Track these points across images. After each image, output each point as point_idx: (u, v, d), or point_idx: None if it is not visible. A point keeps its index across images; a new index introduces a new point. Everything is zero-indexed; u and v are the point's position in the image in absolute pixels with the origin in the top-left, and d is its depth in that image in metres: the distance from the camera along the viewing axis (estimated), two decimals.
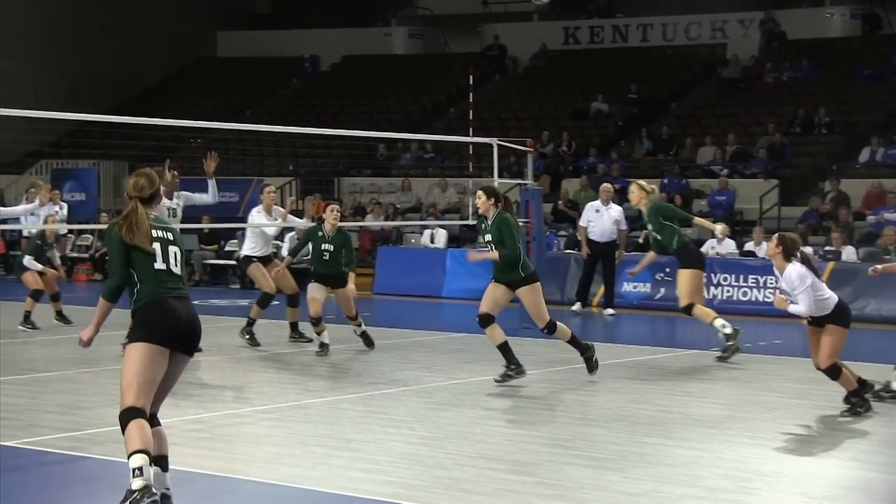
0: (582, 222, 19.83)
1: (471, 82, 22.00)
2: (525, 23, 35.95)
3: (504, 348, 11.96)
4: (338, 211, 14.51)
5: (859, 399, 10.59)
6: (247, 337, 14.76)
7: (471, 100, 21.91)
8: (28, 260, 16.41)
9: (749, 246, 20.78)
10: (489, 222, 12.05)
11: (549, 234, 22.19)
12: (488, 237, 12.06)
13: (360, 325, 14.56)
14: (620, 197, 25.01)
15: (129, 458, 6.51)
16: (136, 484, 6.43)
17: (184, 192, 14.23)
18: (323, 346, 14.04)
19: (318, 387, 11.93)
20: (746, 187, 25.41)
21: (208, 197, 14.52)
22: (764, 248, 10.59)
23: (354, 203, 28.24)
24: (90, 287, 23.87)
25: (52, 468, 8.40)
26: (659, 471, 8.32)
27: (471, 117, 20.44)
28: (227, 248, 24.76)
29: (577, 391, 11.79)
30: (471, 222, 20.99)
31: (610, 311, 19.33)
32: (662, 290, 20.32)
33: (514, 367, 11.89)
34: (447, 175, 27.87)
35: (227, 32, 39.16)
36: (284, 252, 22.24)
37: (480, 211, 12.25)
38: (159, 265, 6.79)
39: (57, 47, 34.75)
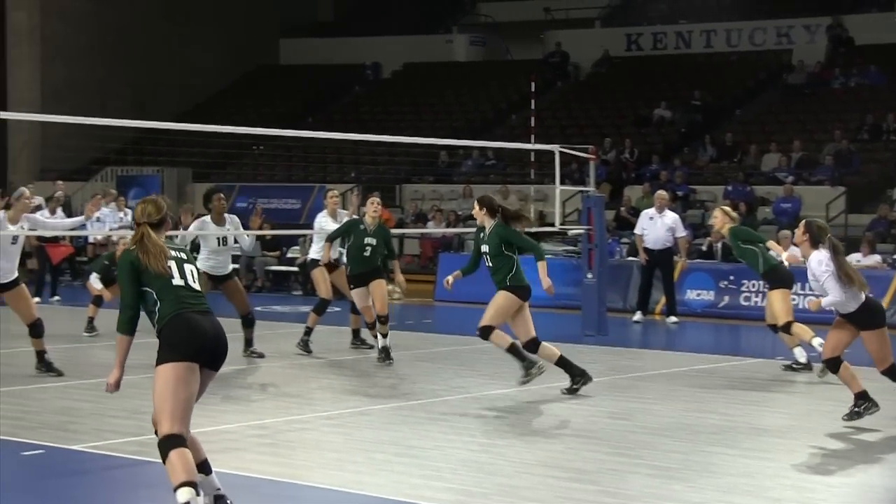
0: (637, 230, 19.71)
1: (532, 89, 22.01)
2: (587, 30, 35.84)
3: (563, 362, 11.76)
4: (378, 203, 14.07)
5: None
6: (300, 345, 14.66)
7: (532, 107, 21.91)
8: (93, 277, 16.55)
9: None
10: (487, 233, 11.78)
11: (612, 242, 22.08)
12: (485, 248, 11.75)
13: (385, 336, 13.90)
14: (683, 204, 24.92)
15: (175, 490, 6.46)
16: None
17: (235, 218, 14.16)
18: (384, 350, 13.95)
19: (380, 393, 11.93)
20: (812, 195, 25.14)
21: (246, 244, 14.50)
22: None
23: (416, 210, 28.27)
24: None
25: (117, 472, 8.47)
26: (724, 481, 8.23)
27: (532, 124, 20.44)
28: (288, 255, 24.88)
29: (639, 399, 11.70)
30: (534, 230, 20.95)
31: (673, 318, 19.18)
32: (726, 298, 20.15)
33: (578, 378, 11.77)
34: (509, 182, 27.83)
35: (289, 40, 39.38)
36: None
37: (478, 222, 11.98)
38: (177, 281, 6.83)
39: (123, 57, 35.13)
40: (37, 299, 19.39)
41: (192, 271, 6.93)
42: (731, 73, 32.66)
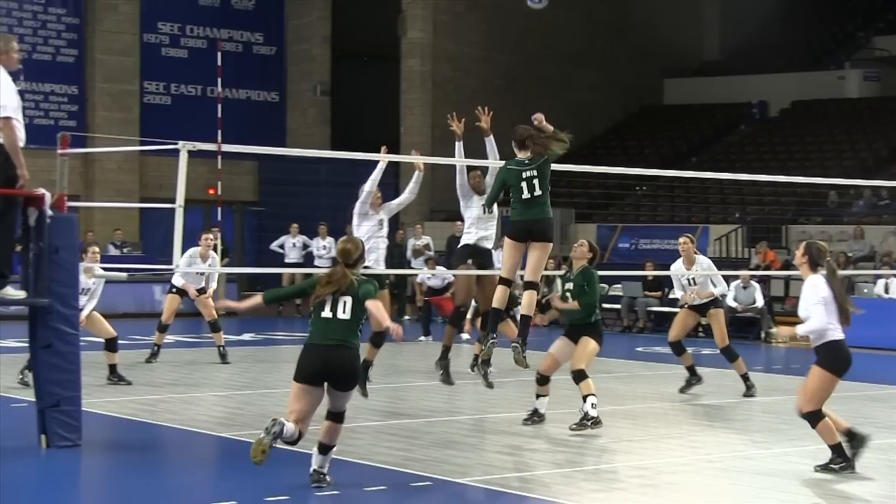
0: None
1: None
2: None
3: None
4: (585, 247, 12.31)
5: (837, 455, 9.49)
6: (684, 387, 14.35)
7: None
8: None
9: None
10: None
11: None
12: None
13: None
14: None
15: None
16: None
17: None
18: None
19: (765, 438, 11.55)
20: None
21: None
22: None
23: None
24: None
25: None
26: None
27: None
28: (670, 296, 24.64)
29: None
30: None
31: None
32: None
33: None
34: None
35: (673, 80, 39.22)
36: (731, 300, 21.84)
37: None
38: (326, 314, 8.37)
39: (509, 100, 35.97)
40: (422, 338, 21.11)
41: (345, 302, 8.33)
42: None
